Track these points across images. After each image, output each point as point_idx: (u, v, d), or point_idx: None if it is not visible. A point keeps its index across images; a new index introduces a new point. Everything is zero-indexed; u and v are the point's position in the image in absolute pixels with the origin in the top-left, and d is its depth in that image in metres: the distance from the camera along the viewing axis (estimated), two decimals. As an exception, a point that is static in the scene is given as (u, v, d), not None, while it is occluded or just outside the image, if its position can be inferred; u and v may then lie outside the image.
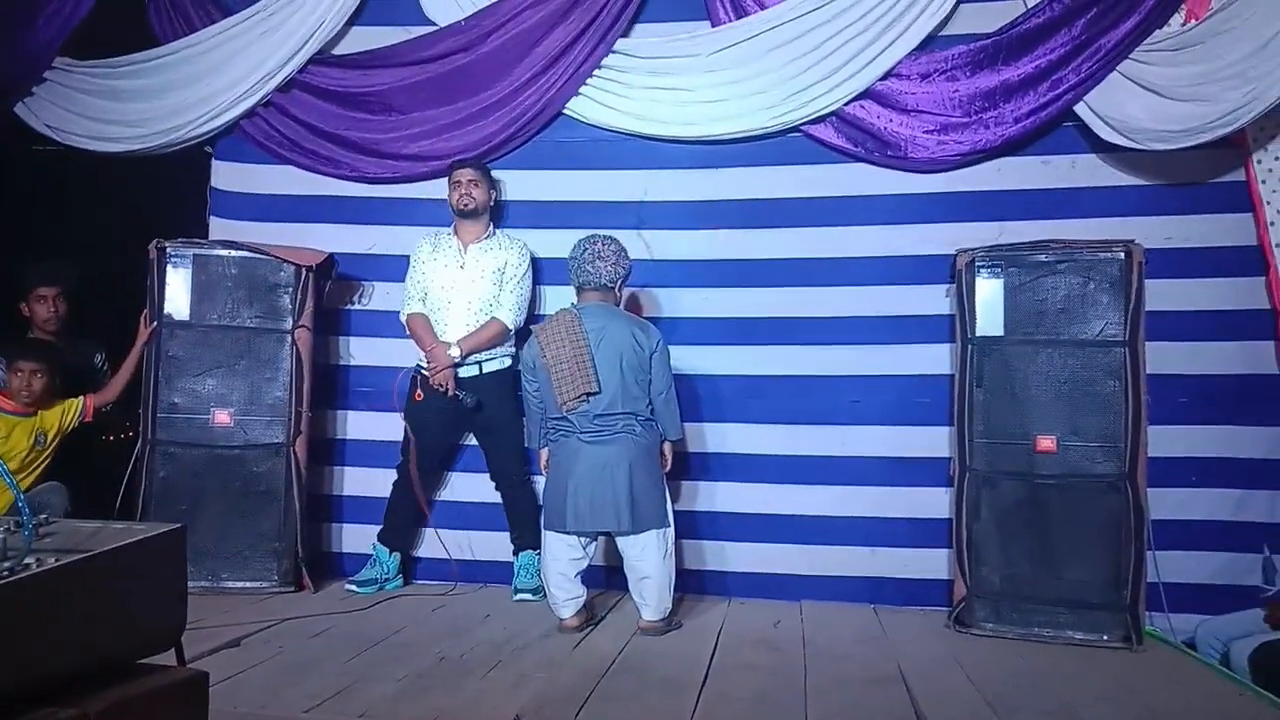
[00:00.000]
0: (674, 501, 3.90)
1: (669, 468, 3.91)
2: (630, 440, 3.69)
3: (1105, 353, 3.74)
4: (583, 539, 3.76)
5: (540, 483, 4.15)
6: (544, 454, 3.93)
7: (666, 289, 4.53)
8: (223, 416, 4.27)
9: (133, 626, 1.27)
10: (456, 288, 4.30)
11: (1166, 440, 3.97)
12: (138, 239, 4.37)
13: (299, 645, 3.43)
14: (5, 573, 1.10)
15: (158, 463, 4.23)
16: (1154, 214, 4.18)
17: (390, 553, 4.38)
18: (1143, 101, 4.08)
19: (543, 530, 3.84)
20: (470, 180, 4.31)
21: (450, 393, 4.20)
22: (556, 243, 4.27)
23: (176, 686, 1.27)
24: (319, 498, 4.61)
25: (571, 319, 3.76)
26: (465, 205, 4.30)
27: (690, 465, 4.42)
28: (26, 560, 1.15)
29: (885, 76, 4.29)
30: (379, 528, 4.42)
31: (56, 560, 1.16)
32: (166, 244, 4.31)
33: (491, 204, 4.42)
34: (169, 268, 4.30)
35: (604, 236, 3.91)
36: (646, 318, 4.33)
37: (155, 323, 4.28)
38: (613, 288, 3.88)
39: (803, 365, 4.39)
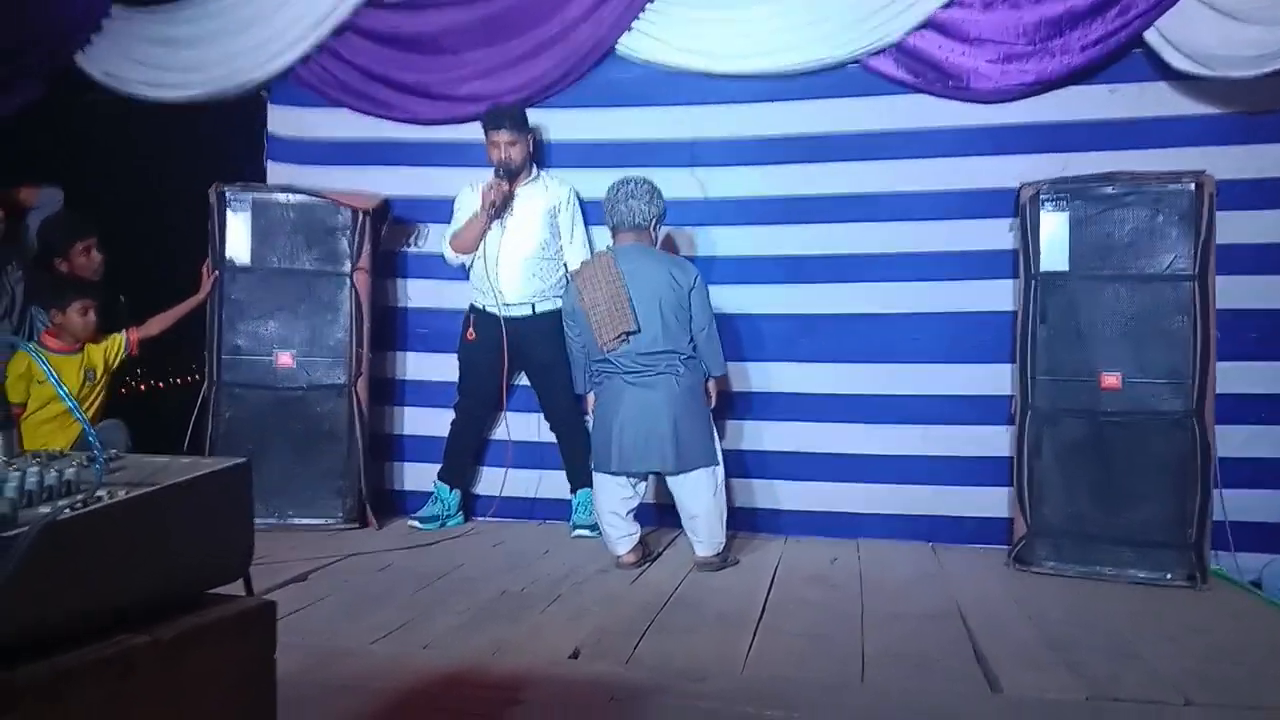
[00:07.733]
0: (730, 440, 3.88)
1: (714, 404, 3.91)
2: (673, 380, 3.69)
3: (1173, 287, 3.64)
4: (632, 478, 3.79)
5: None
6: (590, 398, 3.95)
7: (722, 227, 4.47)
8: (285, 358, 4.35)
9: (202, 557, 1.30)
10: (507, 232, 4.29)
11: (1235, 377, 3.87)
12: (196, 185, 4.44)
13: (364, 579, 3.52)
14: (79, 505, 1.13)
15: (223, 404, 4.33)
16: (1225, 144, 4.01)
17: (451, 490, 4.45)
18: (1215, 26, 3.89)
19: (592, 470, 3.88)
20: (508, 142, 4.22)
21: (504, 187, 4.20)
22: (608, 184, 4.23)
23: (245, 614, 1.31)
24: (381, 437, 4.70)
25: (607, 261, 3.76)
26: (507, 168, 4.23)
27: (745, 404, 4.41)
28: (98, 493, 1.18)
29: (947, 5, 4.14)
30: (439, 466, 4.49)
31: (127, 493, 1.19)
32: (226, 188, 4.37)
33: (531, 150, 4.36)
34: (229, 212, 4.36)
35: (637, 177, 3.88)
36: (703, 257, 4.30)
37: (217, 272, 4.35)
38: (647, 227, 3.86)
39: (863, 303, 4.33)
